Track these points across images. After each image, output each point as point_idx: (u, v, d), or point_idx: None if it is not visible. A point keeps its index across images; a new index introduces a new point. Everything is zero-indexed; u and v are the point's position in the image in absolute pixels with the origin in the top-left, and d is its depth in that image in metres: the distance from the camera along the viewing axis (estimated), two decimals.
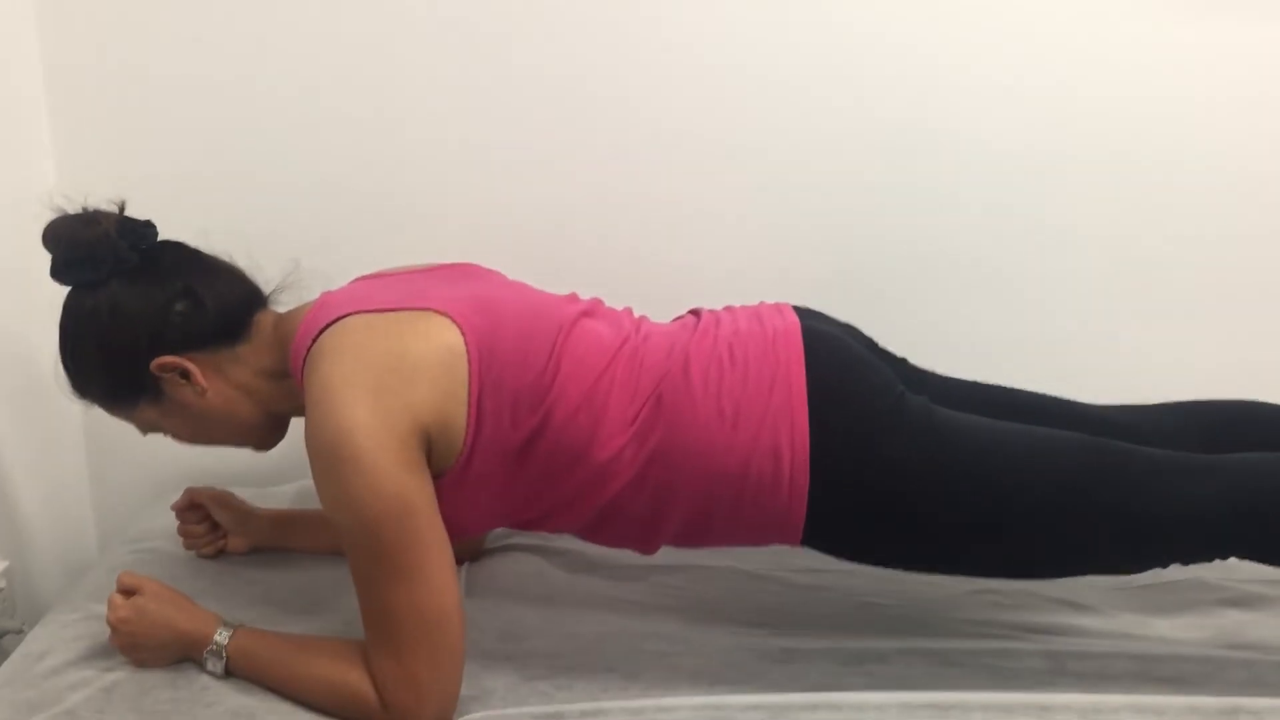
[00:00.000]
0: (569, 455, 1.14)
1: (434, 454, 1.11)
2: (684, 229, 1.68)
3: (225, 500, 1.45)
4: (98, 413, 1.25)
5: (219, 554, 1.45)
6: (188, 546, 1.45)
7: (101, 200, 1.17)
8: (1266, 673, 1.22)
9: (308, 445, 1.07)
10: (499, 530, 1.48)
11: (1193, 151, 1.65)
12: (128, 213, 1.18)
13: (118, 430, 1.28)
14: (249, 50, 1.58)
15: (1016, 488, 1.12)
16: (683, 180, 1.66)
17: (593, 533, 1.23)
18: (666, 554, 1.28)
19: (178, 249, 1.21)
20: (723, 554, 1.45)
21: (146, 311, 1.15)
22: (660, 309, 1.34)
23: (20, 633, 1.37)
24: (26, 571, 1.54)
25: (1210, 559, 1.16)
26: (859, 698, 1.11)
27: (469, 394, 1.10)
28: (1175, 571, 1.20)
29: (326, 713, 1.10)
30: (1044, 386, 1.36)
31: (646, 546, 1.24)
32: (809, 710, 1.09)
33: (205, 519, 1.45)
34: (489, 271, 1.33)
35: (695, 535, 1.21)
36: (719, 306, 1.32)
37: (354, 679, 1.08)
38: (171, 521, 1.46)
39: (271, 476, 1.64)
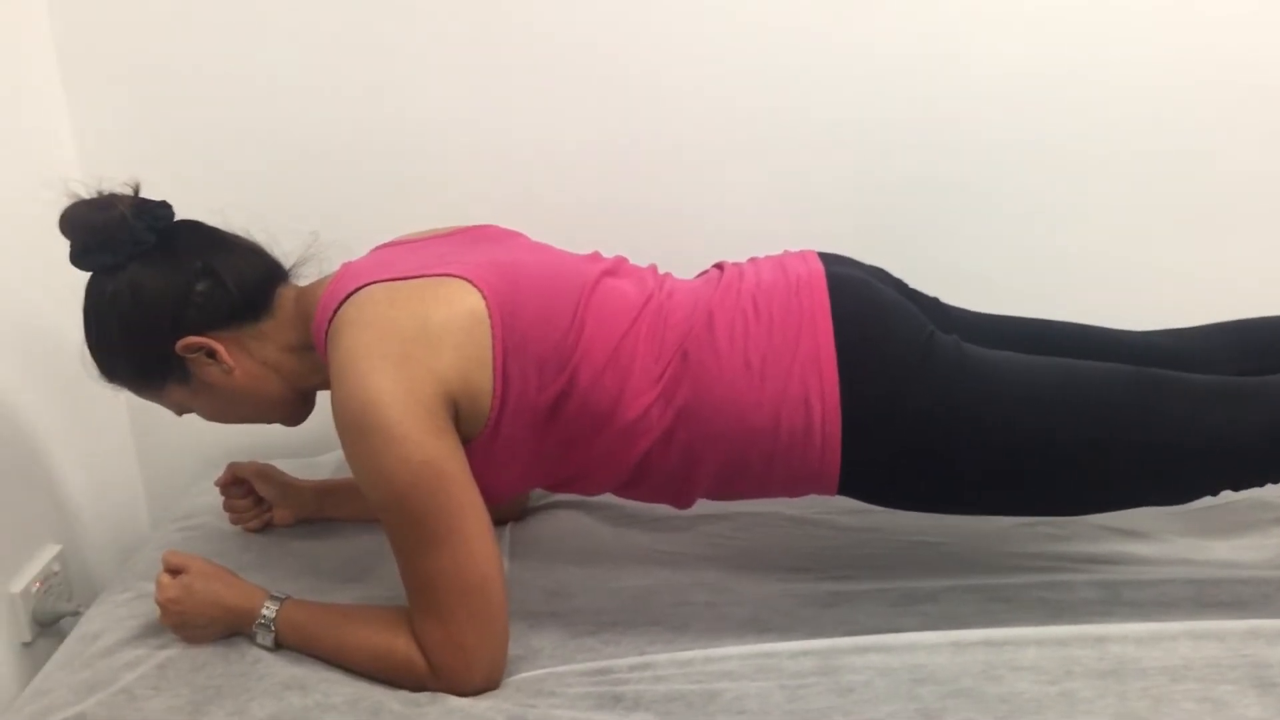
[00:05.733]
0: (596, 415, 1.13)
1: (462, 420, 1.10)
2: (706, 182, 1.65)
3: (268, 473, 1.46)
4: None
5: (265, 527, 1.47)
6: (234, 521, 1.46)
7: (116, 183, 1.16)
8: None
9: (335, 418, 1.07)
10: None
11: (1214, 58, 1.59)
12: (143, 194, 1.17)
13: (160, 410, 1.28)
14: (258, 27, 1.57)
15: (1052, 427, 1.09)
16: (701, 133, 1.63)
17: (627, 490, 1.22)
18: (709, 503, 1.27)
19: (195, 228, 1.21)
20: (766, 500, 1.43)
21: (167, 293, 1.15)
22: (686, 265, 1.32)
23: (77, 614, 1.39)
24: (80, 554, 1.56)
25: (1263, 484, 1.13)
26: (910, 639, 1.10)
27: (493, 358, 1.09)
28: (1232, 492, 1.16)
29: (377, 680, 1.10)
30: (1087, 317, 1.32)
31: (681, 501, 1.23)
32: (859, 653, 1.08)
33: (249, 493, 1.46)
34: (510, 233, 1.32)
35: (730, 489, 1.19)
36: (744, 258, 1.29)
37: (401, 646, 1.09)
38: (218, 497, 1.47)
39: (313, 447, 1.64)
